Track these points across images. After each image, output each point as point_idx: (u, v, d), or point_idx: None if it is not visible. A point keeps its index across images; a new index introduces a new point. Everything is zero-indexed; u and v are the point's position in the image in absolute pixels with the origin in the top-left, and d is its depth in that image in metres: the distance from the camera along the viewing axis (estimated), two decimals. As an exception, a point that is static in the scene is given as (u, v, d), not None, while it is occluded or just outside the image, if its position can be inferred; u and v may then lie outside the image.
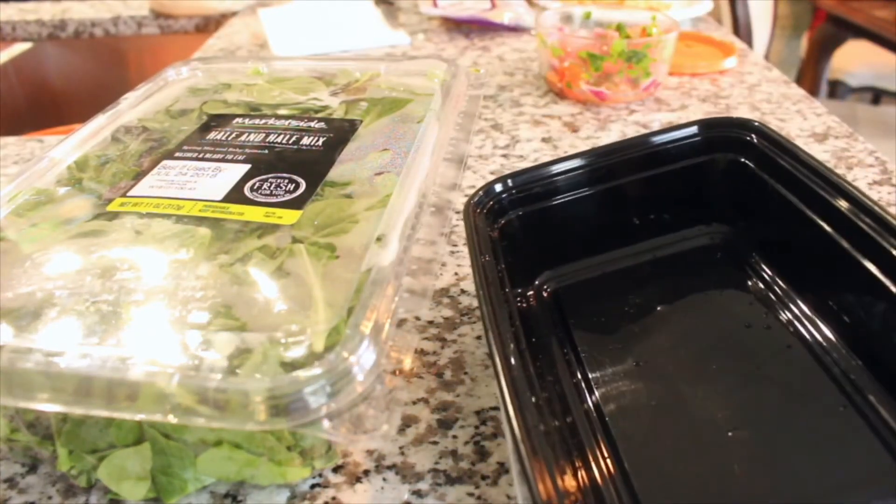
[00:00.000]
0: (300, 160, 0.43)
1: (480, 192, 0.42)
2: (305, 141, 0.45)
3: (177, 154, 0.44)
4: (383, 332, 0.29)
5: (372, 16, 1.09)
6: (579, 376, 0.38)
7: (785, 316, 0.39)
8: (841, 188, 0.37)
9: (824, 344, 0.37)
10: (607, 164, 0.44)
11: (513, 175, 0.44)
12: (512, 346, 0.30)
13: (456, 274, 0.50)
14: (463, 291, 0.48)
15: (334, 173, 0.41)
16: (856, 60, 2.03)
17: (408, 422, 0.38)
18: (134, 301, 0.31)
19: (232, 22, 1.18)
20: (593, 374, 0.38)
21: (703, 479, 0.32)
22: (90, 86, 1.31)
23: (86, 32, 1.27)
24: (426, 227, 0.37)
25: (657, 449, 0.33)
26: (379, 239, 0.34)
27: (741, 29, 1.90)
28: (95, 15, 1.27)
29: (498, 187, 0.43)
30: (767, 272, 0.42)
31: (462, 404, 0.39)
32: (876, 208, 0.35)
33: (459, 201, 0.59)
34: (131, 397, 0.27)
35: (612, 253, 0.46)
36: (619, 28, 0.80)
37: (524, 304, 0.43)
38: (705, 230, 0.46)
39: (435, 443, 0.36)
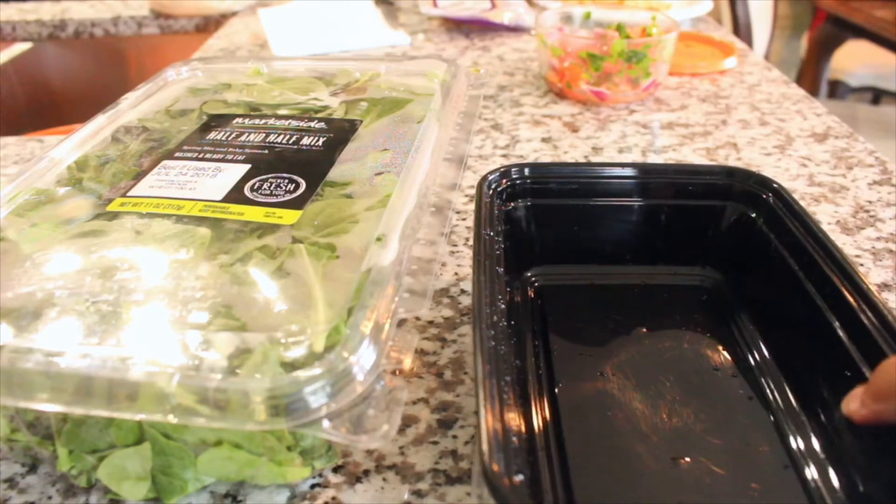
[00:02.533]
0: (300, 160, 0.43)
1: (498, 172, 0.43)
2: (305, 141, 0.45)
3: (177, 154, 0.44)
4: (383, 332, 0.29)
5: (372, 16, 1.09)
6: (543, 368, 0.39)
7: (755, 373, 0.39)
8: (842, 266, 0.36)
9: (784, 409, 0.37)
10: (625, 181, 0.45)
11: (532, 165, 0.45)
12: (494, 317, 0.32)
13: (456, 274, 0.50)
14: (463, 291, 0.48)
15: (334, 173, 0.41)
16: (856, 60, 2.03)
17: (408, 422, 0.38)
18: (134, 301, 0.31)
19: (232, 22, 1.18)
20: (558, 371, 0.39)
21: (637, 493, 0.33)
22: (90, 86, 1.31)
23: (86, 32, 1.27)
24: (426, 227, 0.37)
25: (600, 454, 0.34)
26: (379, 239, 0.34)
27: (741, 29, 1.90)
28: (95, 15, 1.27)
29: (515, 172, 0.44)
30: (749, 328, 0.42)
31: (462, 404, 0.39)
32: (874, 298, 0.34)
33: (459, 201, 0.59)
34: (131, 397, 0.27)
35: (605, 268, 0.47)
36: (619, 28, 0.80)
37: (509, 292, 0.43)
38: (699, 272, 0.46)
39: (435, 443, 0.36)
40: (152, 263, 0.34)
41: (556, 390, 0.38)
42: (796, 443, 0.35)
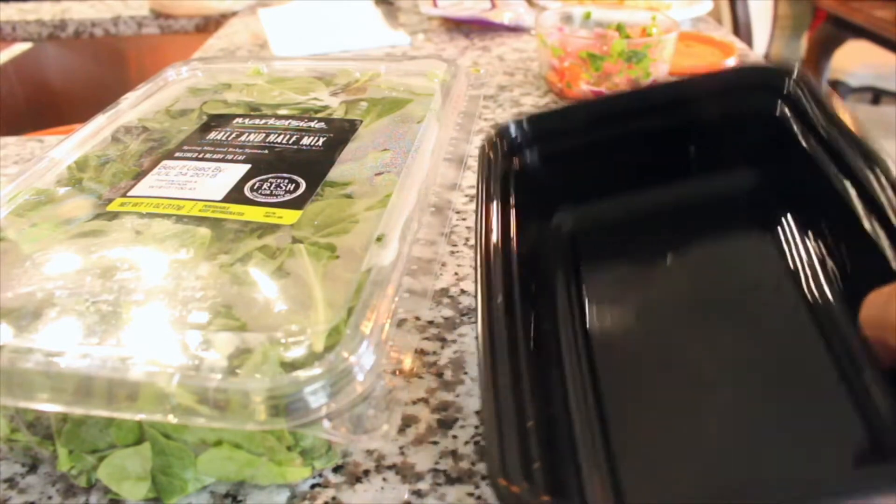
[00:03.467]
0: (300, 160, 0.43)
1: (495, 131, 0.42)
2: (305, 141, 0.45)
3: (177, 154, 0.44)
4: (383, 332, 0.29)
5: (372, 16, 1.09)
6: (578, 325, 0.38)
7: (797, 279, 0.36)
8: (869, 154, 0.33)
9: (832, 315, 0.34)
10: (637, 104, 0.43)
11: (532, 116, 0.43)
12: (500, 298, 0.32)
13: (456, 274, 0.50)
14: (463, 291, 0.48)
15: (334, 173, 0.41)
16: (856, 60, 2.03)
17: (408, 422, 0.38)
18: (134, 301, 0.31)
19: (232, 22, 1.18)
20: (593, 322, 0.37)
21: (681, 439, 0.31)
22: (90, 86, 1.31)
23: (86, 32, 1.27)
24: (426, 227, 0.37)
25: (640, 403, 0.33)
26: (379, 239, 0.34)
27: (741, 29, 1.90)
28: (95, 15, 1.27)
29: (513, 128, 0.43)
30: (790, 227, 0.38)
31: (462, 404, 0.39)
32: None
33: (459, 201, 0.59)
34: (131, 397, 0.27)
35: (634, 195, 0.43)
36: (619, 28, 0.80)
37: (538, 243, 0.41)
38: (731, 176, 0.42)
39: (435, 443, 0.36)
40: (152, 263, 0.34)
41: (592, 344, 0.36)
42: (848, 357, 0.32)
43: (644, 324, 0.37)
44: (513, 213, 0.39)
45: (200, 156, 0.43)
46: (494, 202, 0.38)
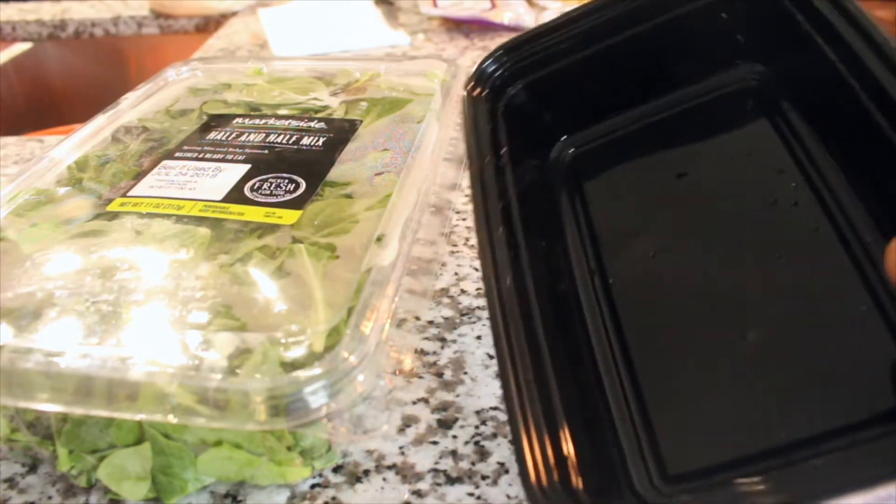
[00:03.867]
0: (300, 160, 0.43)
1: (475, 74, 0.39)
2: (305, 141, 0.45)
3: (177, 154, 0.44)
4: (383, 332, 0.29)
5: (372, 16, 1.09)
6: (593, 265, 0.35)
7: (814, 188, 0.32)
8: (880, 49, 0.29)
9: (855, 226, 0.30)
10: (617, 14, 0.39)
11: (508, 47, 0.39)
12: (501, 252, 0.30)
13: (456, 274, 0.50)
14: (463, 291, 0.48)
15: (334, 173, 0.41)
16: (856, 60, 2.03)
17: (408, 422, 0.38)
18: (134, 301, 0.31)
19: (232, 22, 1.18)
20: (608, 263, 0.35)
21: (711, 389, 0.29)
22: (90, 86, 1.31)
23: (86, 32, 1.27)
24: (426, 227, 0.37)
25: (670, 354, 0.31)
26: (379, 239, 0.34)
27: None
28: (95, 15, 1.27)
29: (492, 65, 0.39)
30: (799, 125, 0.34)
31: (462, 404, 0.39)
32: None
33: (459, 201, 0.59)
34: (131, 397, 0.27)
35: (635, 110, 0.40)
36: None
37: (541, 177, 0.39)
38: (734, 73, 0.38)
39: (435, 443, 0.36)
40: (152, 263, 0.34)
41: (611, 287, 0.34)
42: (873, 277, 0.29)
43: (660, 257, 0.34)
44: (508, 158, 0.36)
45: (200, 156, 0.43)
46: (487, 158, 0.36)
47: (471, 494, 0.34)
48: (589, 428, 0.29)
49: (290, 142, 0.45)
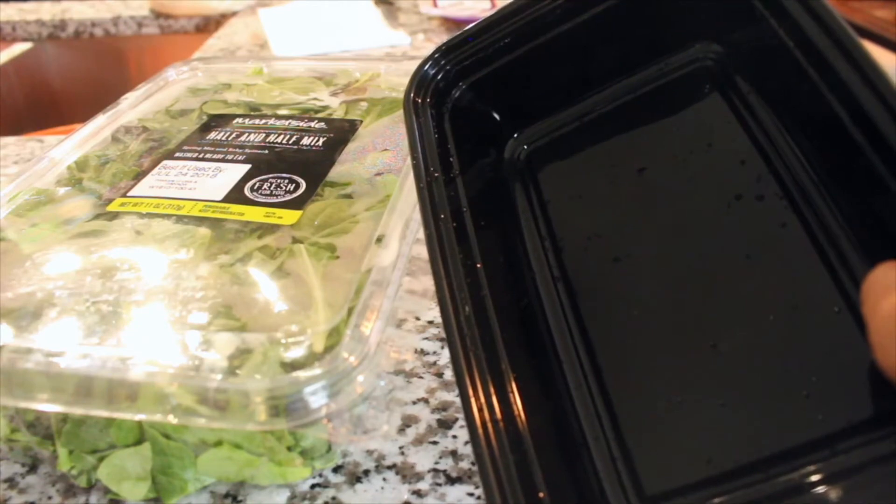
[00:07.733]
0: (300, 160, 0.43)
1: (414, 80, 0.37)
2: (305, 141, 0.45)
3: (177, 154, 0.44)
4: (383, 332, 0.29)
5: (372, 16, 1.09)
6: (556, 273, 0.34)
7: (779, 179, 0.31)
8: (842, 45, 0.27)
9: (823, 219, 0.29)
10: (561, 2, 0.36)
11: (446, 48, 0.38)
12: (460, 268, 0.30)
13: (456, 274, 0.50)
14: (463, 291, 0.48)
15: (334, 173, 0.41)
16: (856, 60, 2.03)
17: (408, 422, 0.38)
18: (134, 301, 0.31)
19: (232, 22, 1.18)
20: (571, 269, 0.34)
21: (685, 404, 0.28)
22: (90, 86, 1.31)
23: (86, 32, 1.27)
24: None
25: (639, 361, 0.30)
26: (379, 239, 0.34)
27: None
28: (95, 15, 1.27)
29: (431, 69, 0.37)
30: (759, 109, 0.33)
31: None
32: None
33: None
34: (131, 397, 0.27)
35: (588, 100, 0.38)
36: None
37: (496, 178, 0.38)
38: (689, 55, 0.36)
39: (435, 443, 0.36)
40: (152, 263, 0.34)
41: (575, 293, 0.33)
42: (844, 276, 0.27)
43: (625, 261, 0.33)
44: (458, 168, 0.35)
45: (200, 156, 0.43)
46: (436, 173, 0.34)
47: (471, 494, 0.34)
48: (562, 451, 0.29)
49: (290, 142, 0.45)
